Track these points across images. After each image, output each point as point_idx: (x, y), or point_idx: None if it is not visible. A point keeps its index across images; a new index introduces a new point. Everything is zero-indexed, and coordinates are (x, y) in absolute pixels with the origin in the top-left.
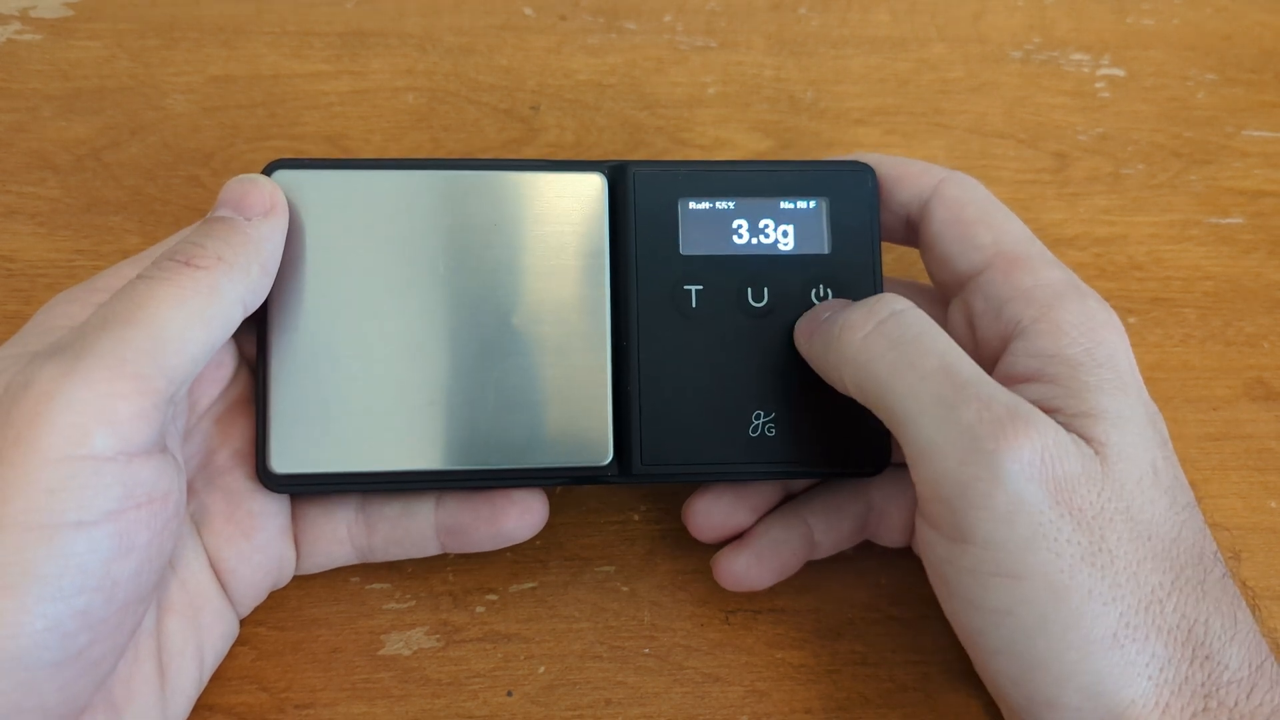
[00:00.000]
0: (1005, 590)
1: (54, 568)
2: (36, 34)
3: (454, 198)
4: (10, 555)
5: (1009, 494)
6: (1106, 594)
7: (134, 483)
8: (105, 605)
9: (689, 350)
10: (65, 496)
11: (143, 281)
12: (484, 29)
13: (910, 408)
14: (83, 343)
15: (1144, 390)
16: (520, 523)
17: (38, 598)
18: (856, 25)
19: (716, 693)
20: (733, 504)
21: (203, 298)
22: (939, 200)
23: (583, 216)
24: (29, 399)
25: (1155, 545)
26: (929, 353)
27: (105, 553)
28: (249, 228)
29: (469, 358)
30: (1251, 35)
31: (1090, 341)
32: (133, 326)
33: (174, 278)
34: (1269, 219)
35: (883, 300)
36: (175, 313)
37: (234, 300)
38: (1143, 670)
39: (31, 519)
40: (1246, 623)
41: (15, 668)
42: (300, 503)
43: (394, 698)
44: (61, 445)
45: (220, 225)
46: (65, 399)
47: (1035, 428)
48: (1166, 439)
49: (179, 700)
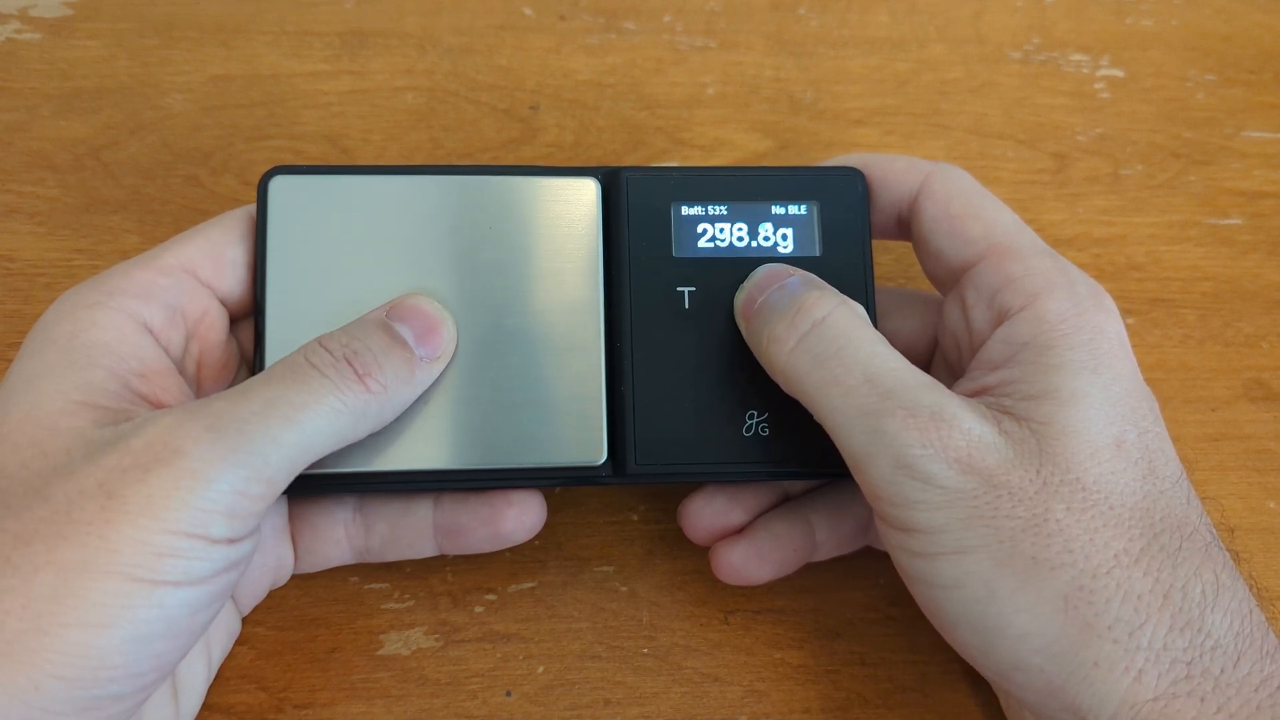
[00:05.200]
0: (952, 565)
1: (145, 616)
2: (36, 33)
3: (450, 202)
4: (109, 599)
5: (941, 489)
6: (1055, 559)
7: (232, 559)
8: (178, 651)
9: (682, 351)
10: (172, 562)
11: (315, 375)
12: (483, 29)
13: (839, 421)
14: (242, 429)
15: (1132, 373)
16: (518, 524)
17: (124, 639)
18: (856, 26)
19: (715, 693)
20: (727, 505)
21: (354, 418)
22: (926, 196)
23: (577, 220)
24: (174, 471)
25: (1117, 512)
26: (852, 366)
27: (193, 608)
28: (419, 369)
29: (464, 358)
30: (1251, 36)
31: (1070, 327)
32: (291, 428)
33: (342, 389)
34: (1268, 220)
35: (803, 309)
36: (329, 425)
37: (369, 426)
38: (1104, 634)
39: (137, 573)
40: (1232, 590)
41: (83, 696)
42: (297, 503)
43: (393, 697)
44: (186, 524)
45: (400, 352)
46: (207, 487)
47: (956, 426)
48: (1149, 417)
49: (190, 698)
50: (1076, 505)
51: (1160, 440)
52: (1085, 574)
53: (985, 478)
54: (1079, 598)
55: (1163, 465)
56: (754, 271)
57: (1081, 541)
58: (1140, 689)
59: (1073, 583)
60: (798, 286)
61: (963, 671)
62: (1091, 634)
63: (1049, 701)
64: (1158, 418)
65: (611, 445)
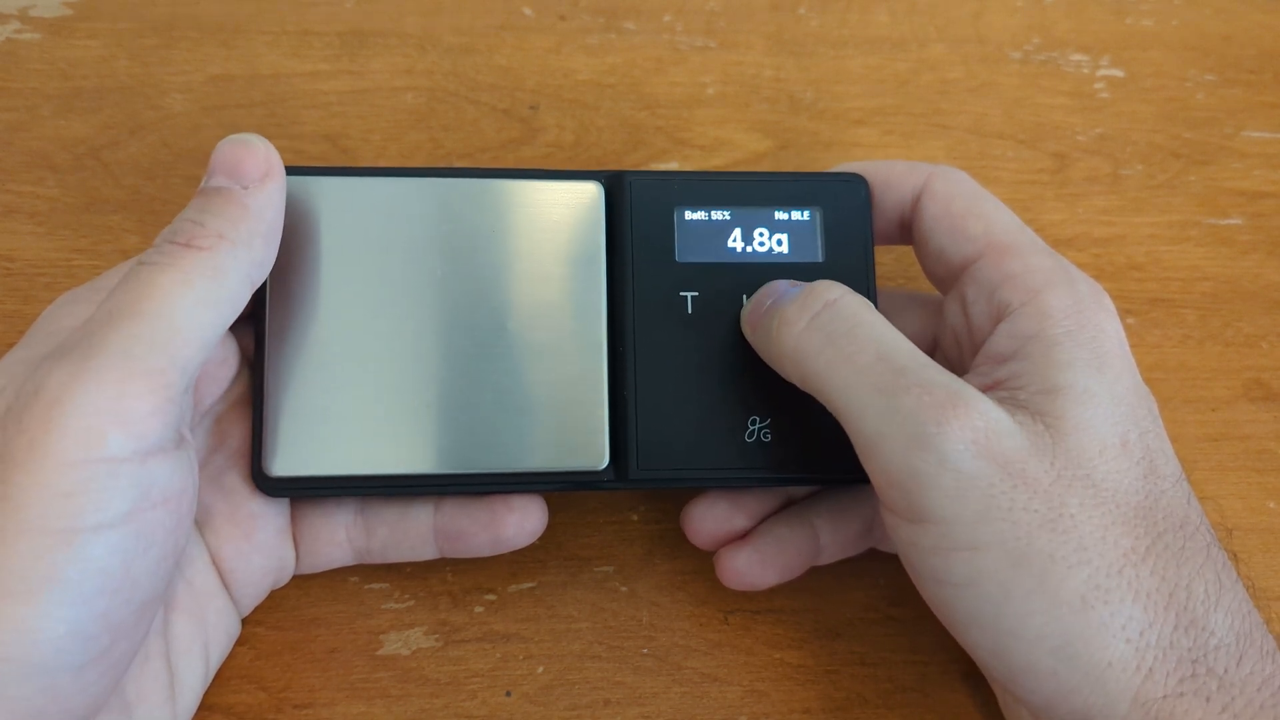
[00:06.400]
0: (966, 563)
1: (74, 571)
2: (36, 33)
3: (452, 205)
4: (30, 561)
5: (956, 472)
6: (1070, 557)
7: (150, 483)
8: (125, 606)
9: (684, 356)
10: (82, 500)
11: (145, 269)
12: (483, 29)
13: (852, 400)
14: (90, 341)
15: (1132, 373)
16: (519, 530)
17: (59, 602)
18: (856, 25)
19: (715, 693)
20: (730, 509)
21: (208, 280)
22: (928, 196)
23: (580, 224)
24: (40, 404)
25: (1124, 510)
26: (865, 343)
27: (124, 554)
28: (247, 197)
29: (465, 362)
30: (1251, 36)
31: (1074, 324)
32: (140, 319)
33: (176, 262)
34: (1268, 220)
35: (814, 291)
36: (181, 300)
37: (240, 278)
38: (1118, 633)
39: (49, 524)
40: (1233, 590)
41: (38, 673)
42: (299, 504)
43: (392, 697)
44: (76, 449)
45: (218, 198)
46: (77, 402)
47: (974, 407)
48: (1148, 418)
49: (187, 698)
50: (1089, 501)
51: (1160, 440)
52: (1100, 572)
53: (1002, 464)
54: (1095, 597)
55: (1163, 465)
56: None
57: (1094, 539)
58: (1150, 687)
59: (1089, 581)
60: (806, 284)
61: (963, 671)
62: (1106, 633)
63: (1058, 705)
64: (1156, 418)
65: (613, 450)
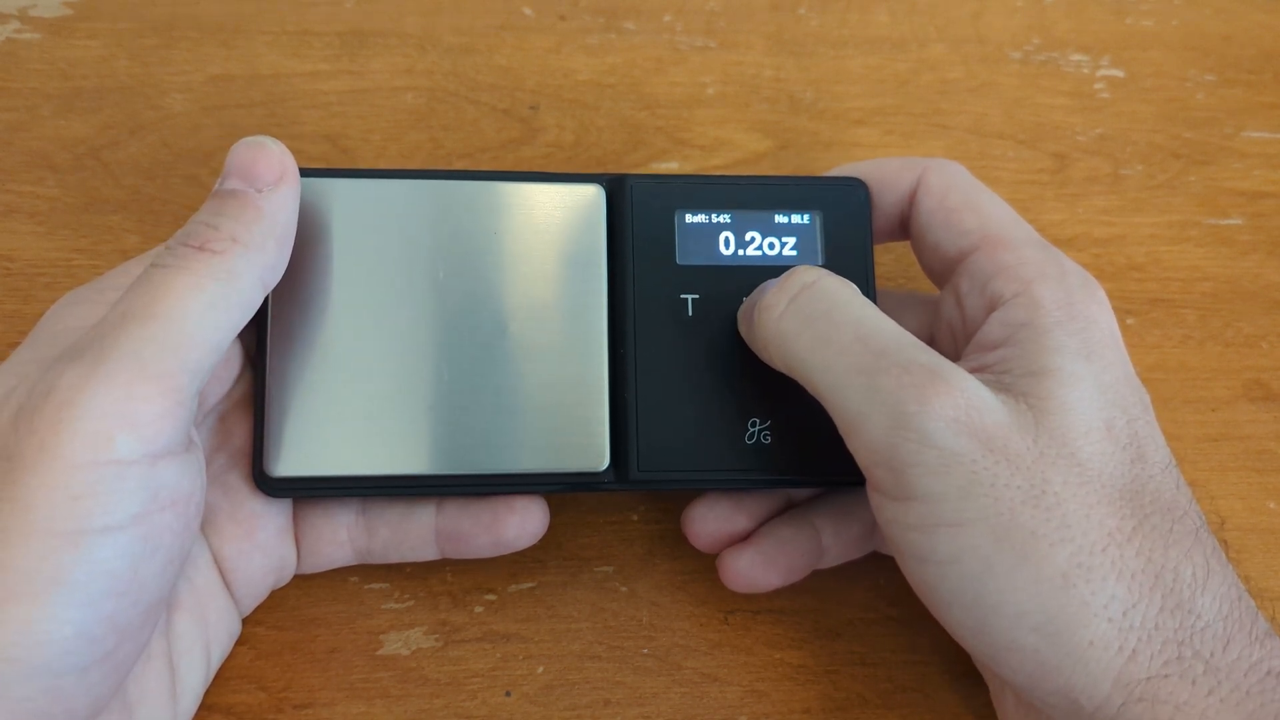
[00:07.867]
0: (949, 539)
1: (82, 573)
2: (35, 33)
3: (454, 207)
4: (37, 563)
5: (938, 449)
6: (1053, 535)
7: (159, 485)
8: (131, 608)
9: (685, 358)
10: (91, 502)
11: (157, 271)
12: (483, 29)
13: (833, 382)
14: (102, 344)
15: (1123, 364)
16: (520, 531)
17: (66, 604)
18: (856, 25)
19: (715, 693)
20: (730, 511)
21: (221, 284)
22: (924, 190)
23: (581, 227)
24: (51, 406)
25: (1109, 491)
26: (844, 325)
27: (131, 557)
28: (261, 200)
29: (467, 363)
30: (1251, 36)
31: (1065, 315)
32: (152, 322)
33: (189, 265)
34: (1268, 220)
35: (794, 276)
36: (194, 304)
37: (253, 282)
38: (1100, 612)
39: (57, 525)
40: (1221, 574)
41: (43, 674)
42: (301, 504)
43: (392, 697)
44: (85, 451)
45: (232, 201)
46: (87, 405)
47: (955, 385)
48: (1138, 406)
49: (188, 698)
50: (1073, 479)
51: (1149, 428)
52: (1083, 550)
53: (984, 440)
54: (1078, 575)
55: (1152, 451)
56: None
57: (1078, 517)
58: (1134, 668)
59: (1071, 559)
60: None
61: (963, 671)
62: (1088, 612)
63: (1040, 683)
64: (1147, 407)
65: (614, 451)
